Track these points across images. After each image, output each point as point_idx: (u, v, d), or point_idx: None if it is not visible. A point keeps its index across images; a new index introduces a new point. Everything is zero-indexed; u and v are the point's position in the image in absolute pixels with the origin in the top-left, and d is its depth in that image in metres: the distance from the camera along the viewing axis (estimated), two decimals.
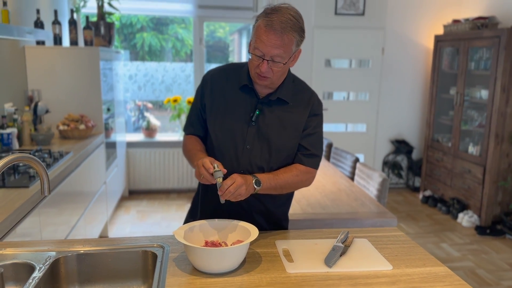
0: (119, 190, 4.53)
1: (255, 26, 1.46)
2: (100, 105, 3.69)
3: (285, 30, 1.40)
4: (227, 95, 1.60)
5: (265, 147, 1.57)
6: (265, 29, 1.41)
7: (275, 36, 1.40)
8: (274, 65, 1.45)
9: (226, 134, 1.58)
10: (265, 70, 1.45)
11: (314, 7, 5.00)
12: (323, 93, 5.31)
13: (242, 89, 1.59)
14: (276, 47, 1.41)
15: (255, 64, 1.47)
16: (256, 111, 1.56)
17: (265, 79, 1.49)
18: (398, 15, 5.13)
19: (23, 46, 3.43)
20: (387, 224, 2.45)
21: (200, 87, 1.66)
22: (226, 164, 1.54)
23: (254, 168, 1.57)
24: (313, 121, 1.61)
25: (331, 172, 3.30)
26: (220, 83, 1.62)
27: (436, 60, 4.92)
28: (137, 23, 7.00)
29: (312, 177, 1.66)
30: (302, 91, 1.63)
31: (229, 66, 1.69)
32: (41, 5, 3.70)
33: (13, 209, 1.84)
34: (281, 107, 1.59)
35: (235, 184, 1.40)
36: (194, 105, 1.68)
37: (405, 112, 5.41)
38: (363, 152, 5.49)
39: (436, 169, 4.91)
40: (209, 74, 1.66)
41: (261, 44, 1.42)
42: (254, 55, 1.46)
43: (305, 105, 1.61)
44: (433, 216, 4.54)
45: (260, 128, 1.57)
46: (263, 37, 1.41)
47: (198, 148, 1.61)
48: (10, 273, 1.36)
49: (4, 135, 2.86)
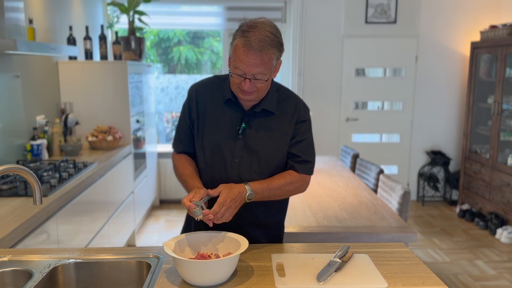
0: (149, 200, 4.63)
1: (233, 45, 1.44)
2: (128, 117, 3.80)
3: (264, 48, 1.38)
4: (212, 109, 1.58)
5: (254, 159, 1.56)
6: (243, 50, 1.39)
7: (254, 55, 1.38)
8: (256, 82, 1.44)
9: (214, 149, 1.57)
10: (247, 88, 1.44)
11: (344, 16, 4.94)
12: (355, 103, 5.22)
13: (226, 102, 1.57)
14: (256, 65, 1.40)
15: (237, 82, 1.46)
16: (242, 124, 1.55)
17: (249, 95, 1.48)
18: (432, 22, 4.97)
19: (56, 61, 3.60)
20: (407, 239, 2.35)
21: (187, 102, 1.64)
22: (216, 178, 1.54)
23: (244, 181, 1.55)
24: (301, 128, 1.59)
25: (354, 184, 3.22)
26: (205, 96, 1.60)
27: (472, 68, 4.72)
28: (174, 37, 7.21)
29: (306, 183, 1.64)
30: (287, 99, 1.61)
31: (212, 79, 1.66)
32: (74, 22, 3.89)
33: (28, 217, 1.92)
34: (267, 118, 1.57)
35: (223, 210, 1.41)
36: (182, 120, 1.65)
37: (441, 122, 5.21)
38: (397, 163, 5.33)
39: (474, 182, 4.68)
40: (194, 88, 1.64)
41: (241, 64, 1.40)
42: (235, 73, 1.44)
43: (291, 113, 1.58)
44: (470, 231, 4.32)
45: (247, 141, 1.55)
46: (242, 57, 1.40)
47: (189, 172, 1.59)
48: (10, 280, 1.42)
49: (34, 146, 3.00)
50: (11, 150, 2.89)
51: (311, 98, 5.06)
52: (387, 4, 4.92)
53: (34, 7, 3.17)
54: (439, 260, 3.66)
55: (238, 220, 1.54)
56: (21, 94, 3.00)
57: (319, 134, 5.17)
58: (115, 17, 4.66)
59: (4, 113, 2.79)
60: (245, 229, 1.60)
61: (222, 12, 5.05)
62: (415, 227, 4.43)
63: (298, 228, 2.34)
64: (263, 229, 1.68)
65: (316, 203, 2.78)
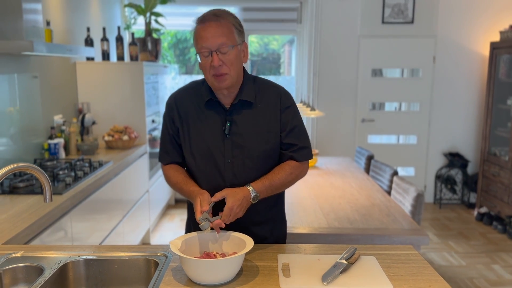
0: (164, 199, 4.68)
1: (193, 33, 1.49)
2: (143, 116, 3.85)
3: (220, 17, 1.45)
4: (194, 114, 1.58)
5: (245, 156, 1.56)
6: (201, 26, 1.45)
7: (212, 26, 1.43)
8: (224, 57, 1.45)
9: (204, 153, 1.56)
10: (217, 63, 1.44)
11: (360, 16, 4.90)
12: (372, 104, 5.18)
13: (207, 105, 1.57)
14: (218, 35, 1.43)
15: (208, 65, 1.46)
16: (227, 123, 1.55)
17: (223, 78, 1.47)
18: (450, 22, 4.89)
19: (74, 62, 3.67)
20: (419, 242, 2.32)
21: (167, 113, 1.63)
22: (212, 182, 1.55)
23: (240, 179, 1.56)
24: (288, 115, 1.59)
25: (367, 186, 3.19)
26: (185, 103, 1.60)
27: (492, 69, 4.63)
28: (191, 38, 7.26)
29: (306, 167, 1.65)
30: (267, 89, 1.60)
31: (190, 84, 1.66)
32: (92, 23, 3.96)
33: (42, 214, 1.97)
34: (250, 112, 1.56)
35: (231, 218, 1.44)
36: (165, 132, 1.64)
37: (459, 123, 5.12)
38: (414, 165, 5.27)
39: (493, 185, 4.59)
40: (172, 97, 1.64)
41: (203, 40, 1.44)
42: (202, 56, 1.46)
43: (274, 103, 1.58)
44: (487, 235, 4.23)
45: (235, 139, 1.55)
46: (201, 33, 1.44)
47: (181, 179, 1.59)
48: (22, 275, 1.45)
49: (51, 145, 3.07)
50: (29, 148, 2.96)
51: (327, 98, 5.05)
52: (404, 4, 4.86)
53: (52, 9, 3.24)
54: (455, 264, 3.60)
55: (240, 221, 1.53)
56: (39, 94, 3.07)
57: (334, 134, 5.15)
58: (133, 18, 4.72)
59: (22, 113, 2.86)
60: (249, 228, 1.60)
61: (238, 13, 5.07)
62: (431, 230, 4.37)
63: (308, 229, 2.34)
64: (266, 225, 1.68)
65: (328, 204, 2.77)
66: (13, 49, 2.38)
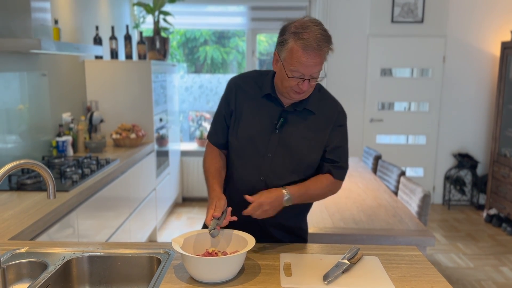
0: (171, 197, 4.70)
1: (287, 48, 1.42)
2: (151, 115, 3.87)
3: (322, 46, 1.41)
4: (250, 102, 1.60)
5: (287, 155, 1.56)
6: (303, 52, 1.39)
7: (315, 55, 1.40)
8: (313, 81, 1.46)
9: (248, 140, 1.58)
10: (307, 89, 1.46)
11: (369, 15, 4.88)
12: (380, 103, 5.15)
13: (265, 97, 1.59)
14: (316, 65, 1.42)
15: (293, 84, 1.46)
16: (281, 119, 1.55)
17: (303, 95, 1.50)
18: (461, 22, 4.84)
19: (83, 60, 3.71)
20: (424, 243, 2.30)
21: (224, 95, 1.67)
22: (248, 171, 1.56)
23: (275, 176, 1.56)
24: (338, 133, 1.60)
25: (374, 186, 3.18)
26: (244, 89, 1.62)
27: (502, 69, 4.57)
28: (200, 37, 7.28)
29: (339, 187, 1.65)
30: (327, 100, 1.62)
31: (252, 73, 1.68)
32: (100, 22, 3.99)
33: (48, 211, 1.99)
34: (305, 117, 1.57)
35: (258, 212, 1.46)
36: (219, 112, 1.68)
37: (469, 124, 5.07)
38: (423, 165, 5.23)
39: (502, 186, 4.53)
40: (233, 80, 1.66)
41: (301, 67, 1.41)
42: (292, 74, 1.44)
43: (330, 116, 1.59)
44: (496, 237, 4.19)
45: (283, 137, 1.56)
46: (302, 59, 1.40)
47: (213, 169, 1.61)
48: (26, 271, 1.47)
49: (59, 142, 3.10)
50: (37, 146, 2.99)
51: (335, 97, 5.01)
52: (414, 3, 4.82)
53: (61, 8, 3.27)
54: (463, 266, 3.57)
55: (260, 221, 1.54)
56: (48, 92, 3.10)
57: None
58: (141, 17, 4.75)
59: (31, 110, 2.89)
60: (268, 230, 1.61)
61: (246, 12, 5.07)
62: (440, 231, 4.34)
63: (313, 229, 2.34)
64: (285, 230, 1.68)
65: (334, 204, 2.76)
66: (21, 47, 2.41)
